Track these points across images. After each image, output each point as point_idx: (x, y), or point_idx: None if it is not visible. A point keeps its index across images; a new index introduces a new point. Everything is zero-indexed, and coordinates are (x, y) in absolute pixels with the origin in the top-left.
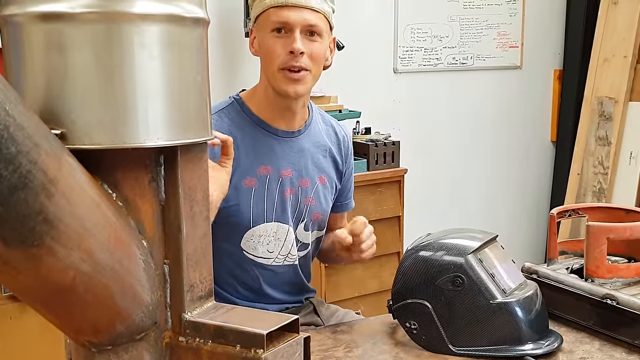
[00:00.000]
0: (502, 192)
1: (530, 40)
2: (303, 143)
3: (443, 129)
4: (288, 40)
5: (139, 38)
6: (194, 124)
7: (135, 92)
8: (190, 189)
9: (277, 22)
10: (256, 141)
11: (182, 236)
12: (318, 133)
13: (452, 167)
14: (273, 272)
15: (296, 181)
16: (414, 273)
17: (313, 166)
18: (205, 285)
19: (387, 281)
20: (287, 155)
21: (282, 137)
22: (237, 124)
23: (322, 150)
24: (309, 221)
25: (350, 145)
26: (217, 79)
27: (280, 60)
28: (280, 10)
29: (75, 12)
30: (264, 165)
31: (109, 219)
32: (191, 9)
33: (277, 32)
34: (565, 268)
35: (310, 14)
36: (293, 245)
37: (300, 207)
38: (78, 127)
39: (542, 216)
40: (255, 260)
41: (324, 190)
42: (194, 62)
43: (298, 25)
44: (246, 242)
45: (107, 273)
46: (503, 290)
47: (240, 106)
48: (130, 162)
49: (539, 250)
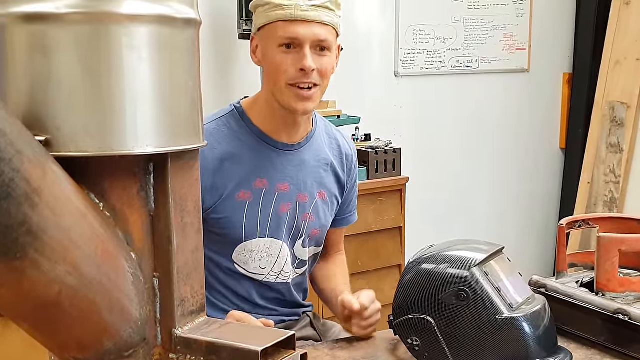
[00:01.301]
0: (508, 202)
1: (538, 42)
2: (303, 156)
3: (446, 136)
4: (297, 57)
5: (127, 40)
6: (185, 130)
7: (123, 97)
8: (181, 199)
9: (285, 38)
10: (254, 153)
11: (172, 248)
12: (320, 146)
13: (456, 175)
14: (267, 288)
15: (294, 196)
16: (416, 287)
17: (313, 181)
18: (196, 300)
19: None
20: (285, 169)
21: (281, 150)
22: (236, 133)
23: (323, 164)
24: (306, 238)
25: (355, 160)
26: (210, 82)
27: (288, 76)
28: (289, 25)
29: (60, 12)
30: (260, 179)
31: (96, 230)
32: (182, 9)
33: (285, 47)
34: (575, 281)
35: (320, 29)
36: (287, 263)
37: (298, 223)
38: (63, 133)
39: (551, 227)
40: (246, 275)
41: (323, 206)
42: (185, 65)
43: (308, 41)
44: (238, 255)
45: (94, 287)
46: (510, 304)
47: (240, 115)
48: (118, 170)
49: (548, 262)
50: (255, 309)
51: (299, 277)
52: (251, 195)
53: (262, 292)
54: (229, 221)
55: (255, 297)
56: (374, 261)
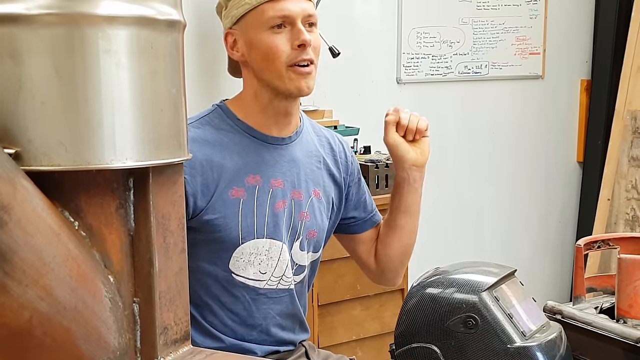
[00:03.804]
0: (521, 220)
1: (553, 46)
2: (295, 151)
3: (453, 148)
4: (291, 34)
5: (104, 44)
6: (168, 143)
7: (100, 106)
8: (164, 217)
9: (276, 17)
10: (243, 148)
11: (154, 271)
12: (310, 142)
13: (463, 191)
14: (266, 298)
15: (288, 193)
16: (420, 313)
17: (306, 177)
18: (180, 327)
19: (389, 322)
20: (278, 164)
21: (271, 144)
22: (222, 130)
23: (315, 160)
24: (304, 239)
25: (350, 156)
26: (195, 90)
27: (286, 56)
28: (277, 3)
29: (31, 13)
30: (253, 175)
31: (71, 251)
32: (164, 10)
33: (276, 28)
34: (594, 307)
35: (307, 3)
36: (288, 266)
37: (295, 223)
38: (35, 146)
39: (567, 248)
40: (246, 283)
41: (318, 205)
42: (168, 71)
43: (299, 17)
44: (235, 262)
45: (68, 313)
46: (522, 332)
47: (225, 112)
48: (95, 186)
49: (564, 287)
50: (249, 332)
51: (298, 285)
52: (244, 193)
53: (262, 306)
54: (224, 221)
55: (253, 312)
56: (373, 285)
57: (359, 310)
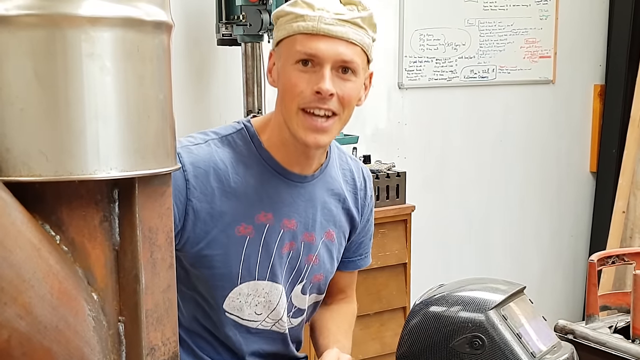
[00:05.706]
0: (530, 234)
1: (565, 49)
2: (315, 190)
3: (458, 157)
4: (315, 77)
5: (87, 47)
6: (155, 151)
7: (83, 113)
8: (151, 231)
9: (303, 53)
10: (261, 182)
11: (140, 288)
12: (334, 178)
13: (469, 203)
14: (258, 337)
15: (300, 235)
16: (424, 333)
17: (322, 219)
18: (168, 348)
19: (390, 343)
20: (295, 203)
21: (292, 182)
22: (243, 157)
23: (335, 199)
24: (307, 283)
25: (370, 195)
26: (184, 95)
27: (302, 99)
28: (309, 39)
29: (9, 14)
30: (265, 212)
31: (52, 267)
32: (151, 11)
33: (302, 65)
34: (608, 327)
35: (346, 48)
36: (285, 311)
37: (300, 266)
38: (14, 155)
39: (580, 263)
40: (239, 322)
41: (330, 248)
42: (155, 76)
43: (329, 60)
44: (230, 302)
45: (49, 333)
46: (532, 353)
47: (250, 136)
48: (78, 197)
49: (576, 305)
50: None
51: (294, 328)
52: (252, 231)
53: (253, 344)
54: (225, 258)
55: (244, 351)
56: (374, 303)
57: (358, 330)
